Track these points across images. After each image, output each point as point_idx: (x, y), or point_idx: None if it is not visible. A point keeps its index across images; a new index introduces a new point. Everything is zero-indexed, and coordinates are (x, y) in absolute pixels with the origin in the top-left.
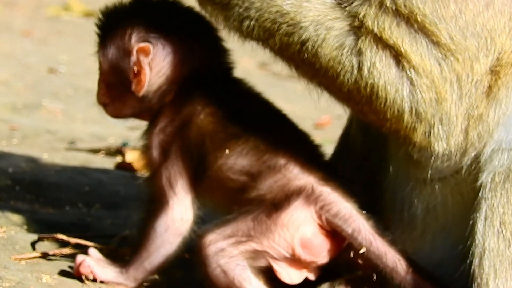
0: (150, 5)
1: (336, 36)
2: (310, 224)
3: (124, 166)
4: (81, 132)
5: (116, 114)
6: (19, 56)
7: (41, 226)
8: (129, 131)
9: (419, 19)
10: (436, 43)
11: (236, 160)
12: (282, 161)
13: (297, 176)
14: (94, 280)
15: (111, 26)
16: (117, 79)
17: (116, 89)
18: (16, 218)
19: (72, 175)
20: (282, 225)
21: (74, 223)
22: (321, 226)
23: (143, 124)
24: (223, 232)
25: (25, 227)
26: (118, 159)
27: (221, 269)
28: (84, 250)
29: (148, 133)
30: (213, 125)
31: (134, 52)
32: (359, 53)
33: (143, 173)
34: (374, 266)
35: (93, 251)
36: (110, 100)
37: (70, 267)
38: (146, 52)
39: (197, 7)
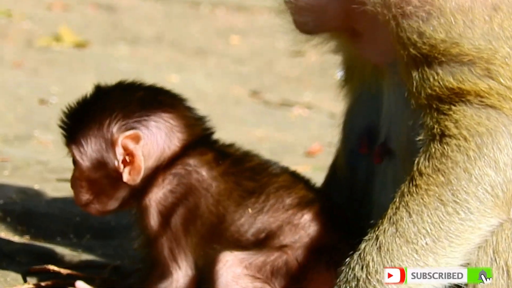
0: (114, 92)
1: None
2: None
3: None
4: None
5: (103, 210)
6: (10, 87)
7: (32, 257)
8: None
9: (441, 47)
10: (471, 62)
11: (257, 218)
12: (305, 218)
13: (318, 237)
14: None
15: (82, 121)
16: (101, 173)
17: (100, 184)
18: (8, 249)
19: (63, 205)
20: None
21: (65, 254)
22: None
23: None
24: (242, 258)
25: (17, 258)
26: None
27: None
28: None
29: (142, 204)
30: (225, 185)
31: (119, 142)
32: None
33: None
34: None
35: (80, 284)
36: (94, 197)
37: None
38: (136, 139)
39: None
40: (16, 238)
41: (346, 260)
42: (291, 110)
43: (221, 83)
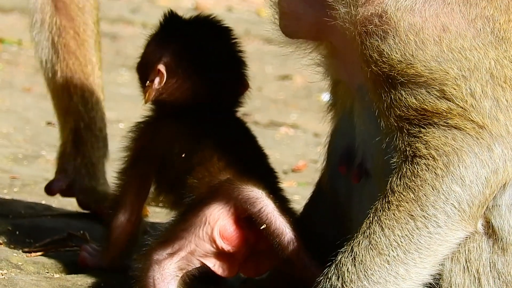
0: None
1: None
2: (228, 216)
3: None
4: None
5: None
6: (19, 111)
7: (39, 267)
8: None
9: (399, 67)
10: (427, 84)
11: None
12: (207, 156)
13: (219, 172)
14: None
15: None
16: None
17: None
18: (16, 260)
19: (67, 220)
20: (205, 220)
21: (69, 264)
22: (238, 216)
23: None
24: (162, 242)
25: (25, 269)
26: None
27: (153, 280)
28: None
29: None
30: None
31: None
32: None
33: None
34: (273, 243)
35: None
36: None
37: None
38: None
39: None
40: (24, 250)
41: (324, 270)
42: (278, 130)
43: None
